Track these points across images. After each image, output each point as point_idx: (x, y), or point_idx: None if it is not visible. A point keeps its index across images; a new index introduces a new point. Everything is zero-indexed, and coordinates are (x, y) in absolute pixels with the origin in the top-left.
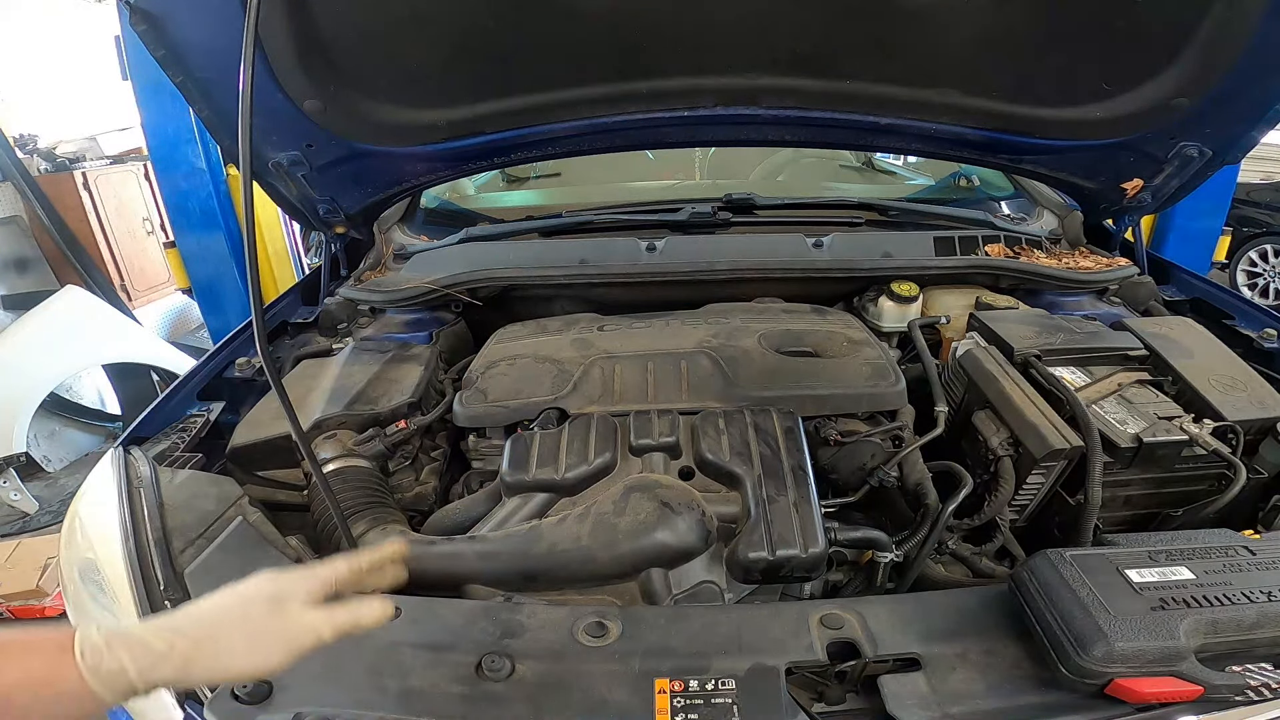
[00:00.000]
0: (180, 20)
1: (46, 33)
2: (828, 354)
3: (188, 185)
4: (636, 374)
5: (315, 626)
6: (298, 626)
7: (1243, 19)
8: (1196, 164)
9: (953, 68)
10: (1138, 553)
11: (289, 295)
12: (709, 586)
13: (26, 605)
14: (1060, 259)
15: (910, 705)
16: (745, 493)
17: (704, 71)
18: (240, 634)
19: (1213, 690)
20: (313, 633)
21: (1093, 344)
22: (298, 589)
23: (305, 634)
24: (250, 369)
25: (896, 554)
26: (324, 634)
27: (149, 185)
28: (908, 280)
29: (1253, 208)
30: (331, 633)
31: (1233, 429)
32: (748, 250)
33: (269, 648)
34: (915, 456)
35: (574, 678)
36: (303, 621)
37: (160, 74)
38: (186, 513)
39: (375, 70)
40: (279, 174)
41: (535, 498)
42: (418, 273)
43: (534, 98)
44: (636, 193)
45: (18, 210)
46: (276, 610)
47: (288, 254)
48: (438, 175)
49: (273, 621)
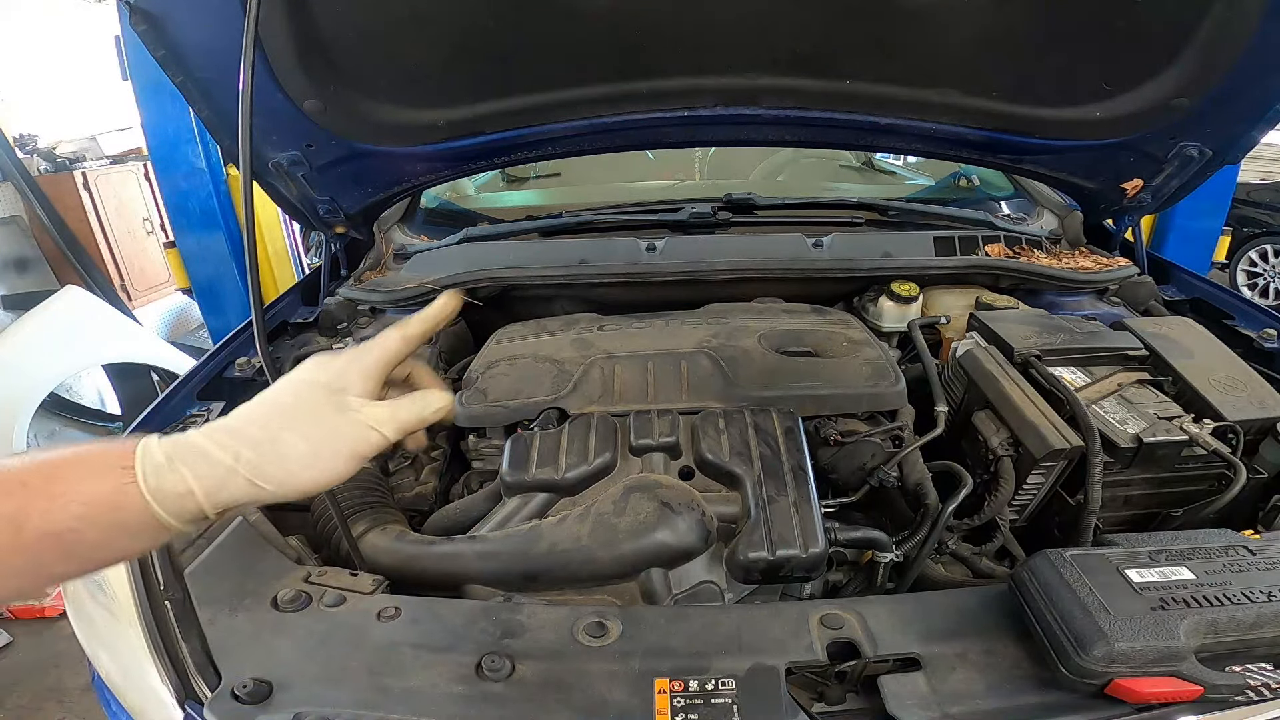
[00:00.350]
0: (180, 20)
1: (46, 33)
2: (828, 354)
3: (188, 185)
4: (636, 374)
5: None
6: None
7: (1243, 19)
8: (1196, 164)
9: (953, 68)
10: (1138, 553)
11: (289, 295)
12: (709, 586)
13: (26, 605)
14: (1060, 259)
15: (910, 705)
16: (745, 493)
17: (704, 71)
18: (304, 440)
19: (1213, 690)
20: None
21: (1093, 344)
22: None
23: (369, 435)
24: (250, 369)
25: (896, 554)
26: (388, 433)
27: (149, 185)
28: (908, 280)
29: (1253, 208)
30: (396, 431)
31: (1233, 429)
32: (748, 250)
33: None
34: (915, 456)
35: (574, 678)
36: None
37: (160, 74)
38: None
39: (375, 70)
40: (279, 174)
41: (535, 498)
42: (418, 273)
43: (534, 98)
44: (636, 193)
45: (18, 210)
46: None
47: (288, 254)
48: (438, 175)
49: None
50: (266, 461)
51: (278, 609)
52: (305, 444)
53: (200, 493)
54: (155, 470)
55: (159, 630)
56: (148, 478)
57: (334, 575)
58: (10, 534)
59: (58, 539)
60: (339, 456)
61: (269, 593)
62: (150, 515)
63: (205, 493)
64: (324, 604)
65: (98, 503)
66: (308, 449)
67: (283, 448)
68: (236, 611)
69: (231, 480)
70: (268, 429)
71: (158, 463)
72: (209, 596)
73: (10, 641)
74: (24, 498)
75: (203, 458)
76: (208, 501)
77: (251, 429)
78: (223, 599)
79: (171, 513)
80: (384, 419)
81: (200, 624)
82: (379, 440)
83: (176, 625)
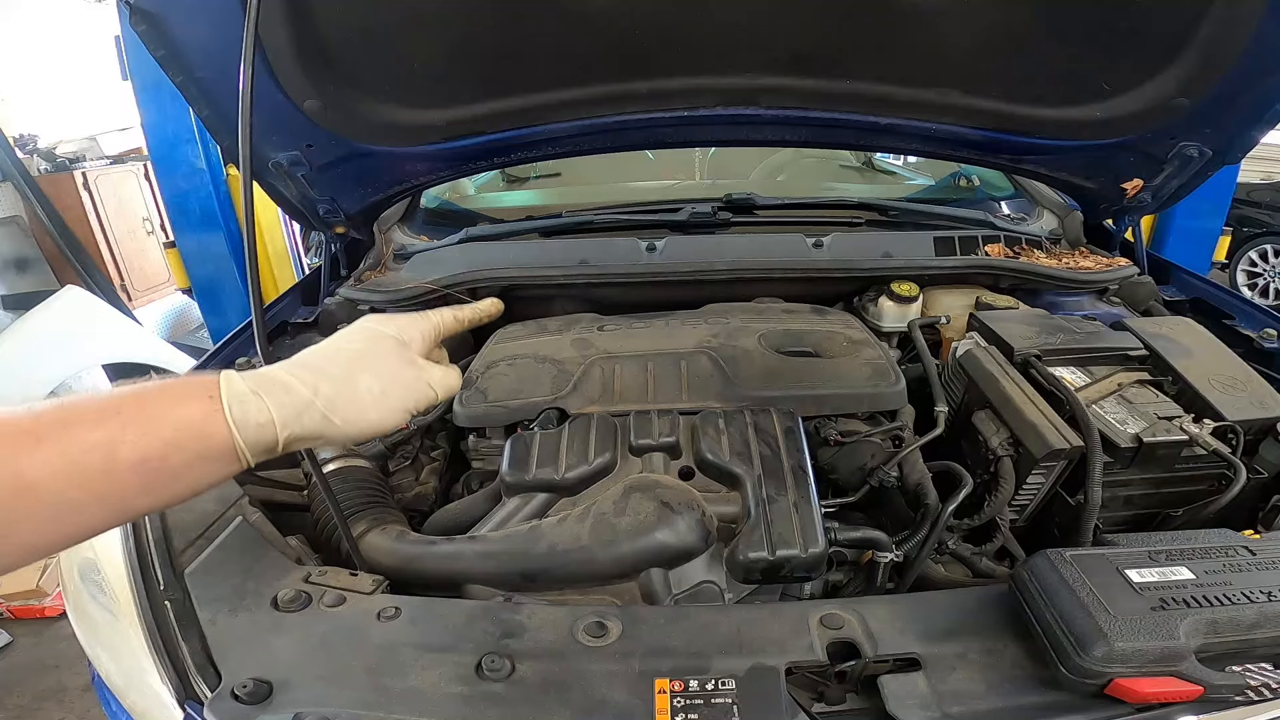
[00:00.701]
0: (180, 20)
1: (46, 33)
2: (828, 354)
3: (188, 185)
4: (636, 374)
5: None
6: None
7: (1243, 19)
8: (1196, 164)
9: (953, 67)
10: (1138, 553)
11: (289, 295)
12: (709, 586)
13: (27, 605)
14: (1060, 259)
15: (910, 705)
16: (745, 493)
17: (704, 71)
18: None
19: (1213, 690)
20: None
21: (1093, 344)
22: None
23: (425, 390)
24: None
25: (896, 554)
26: (439, 393)
27: (149, 185)
28: (908, 280)
29: (1253, 208)
30: (445, 392)
31: (1233, 429)
32: (748, 250)
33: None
34: (915, 456)
35: (574, 678)
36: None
37: (160, 74)
38: (186, 512)
39: (375, 70)
40: (279, 174)
41: (535, 498)
42: (418, 273)
43: (534, 98)
44: (636, 193)
45: (18, 210)
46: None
47: (288, 254)
48: (438, 175)
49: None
50: (342, 398)
51: (278, 609)
52: (378, 385)
53: (279, 422)
54: (240, 400)
55: (159, 630)
56: (233, 407)
57: (334, 575)
58: (104, 459)
59: (145, 465)
60: (402, 403)
61: (269, 593)
62: (230, 443)
63: (283, 423)
64: (324, 604)
65: (187, 428)
66: (379, 390)
67: (358, 387)
68: (236, 611)
69: (308, 413)
70: (346, 369)
71: (241, 392)
72: (209, 596)
73: (10, 641)
74: (118, 424)
75: (284, 389)
76: (283, 432)
77: (331, 367)
78: (223, 599)
79: (249, 442)
80: (438, 379)
81: (200, 624)
82: (432, 397)
83: (176, 625)
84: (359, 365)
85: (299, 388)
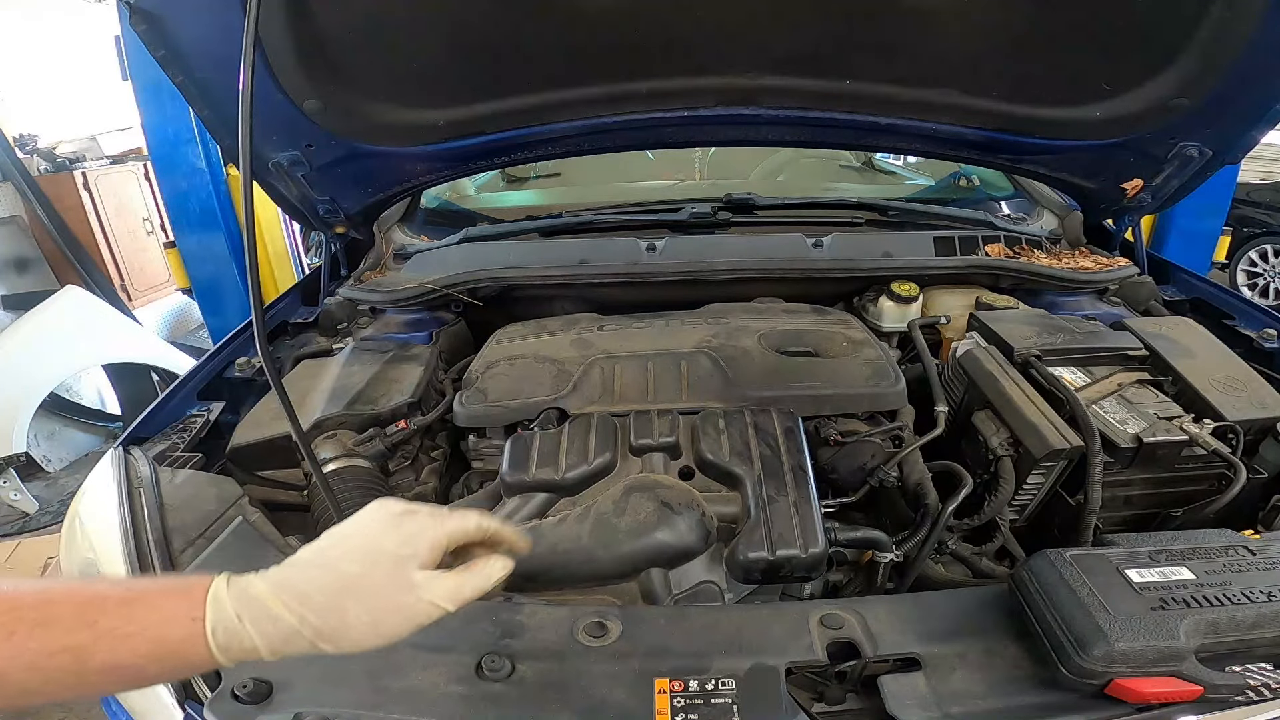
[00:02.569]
0: (180, 20)
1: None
2: (828, 354)
3: (188, 185)
4: (636, 374)
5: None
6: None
7: (1243, 19)
8: (1196, 164)
9: (953, 68)
10: (1138, 553)
11: (289, 295)
12: (709, 586)
13: None
14: (1060, 259)
15: (910, 705)
16: (745, 493)
17: (704, 71)
18: (368, 611)
19: (1213, 690)
20: (437, 609)
21: (1093, 344)
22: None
23: (430, 611)
24: (250, 369)
25: (896, 554)
26: (448, 607)
27: (149, 185)
28: (908, 280)
29: (1253, 208)
30: (456, 605)
31: (1233, 429)
32: (748, 250)
33: (392, 623)
34: (915, 456)
35: (574, 678)
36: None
37: (160, 74)
38: (186, 513)
39: (375, 70)
40: (279, 174)
41: (535, 498)
42: (418, 273)
43: (534, 98)
44: (636, 193)
45: (18, 210)
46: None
47: (288, 254)
48: (438, 175)
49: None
50: (330, 628)
51: None
52: (368, 616)
53: (265, 649)
54: (225, 628)
55: None
56: (217, 635)
57: None
58: (74, 662)
59: (116, 672)
60: (399, 628)
61: None
62: (209, 660)
63: (269, 649)
64: None
65: (164, 646)
66: (370, 620)
67: (347, 617)
68: None
69: (295, 639)
70: (335, 598)
71: (228, 619)
72: None
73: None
74: (92, 635)
75: (271, 621)
76: (269, 654)
77: (319, 597)
78: None
79: (233, 660)
80: (446, 595)
81: None
82: (439, 614)
83: None
84: (349, 594)
85: (286, 616)
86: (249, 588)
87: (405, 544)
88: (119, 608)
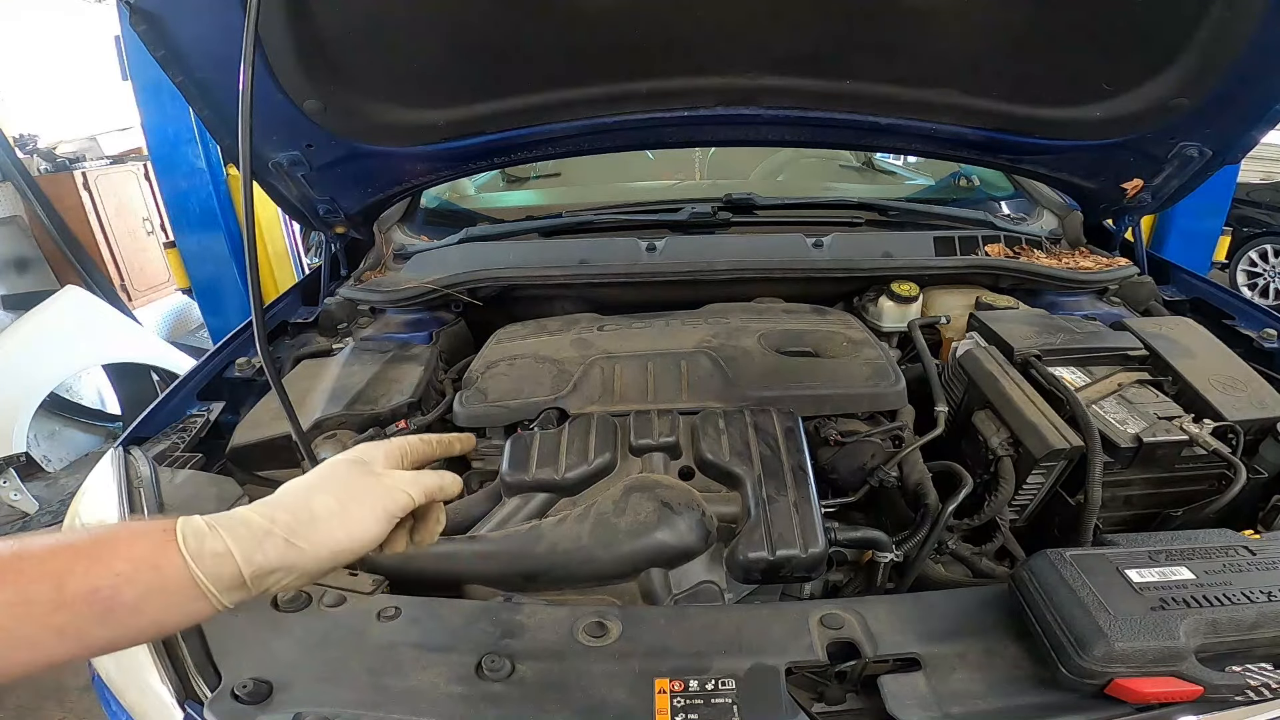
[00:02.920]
0: (180, 20)
1: (46, 33)
2: (828, 354)
3: (188, 185)
4: (636, 374)
5: (404, 486)
6: (387, 485)
7: (1243, 19)
8: (1196, 164)
9: (953, 68)
10: (1138, 553)
11: (289, 295)
12: (709, 586)
13: None
14: (1060, 259)
15: (910, 705)
16: (745, 493)
17: (704, 71)
18: (334, 498)
19: (1213, 690)
20: (403, 493)
21: (1093, 344)
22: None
23: (396, 494)
24: (250, 369)
25: (896, 554)
26: (413, 494)
27: (149, 185)
28: (908, 280)
29: (1253, 208)
30: (421, 493)
31: (1233, 429)
32: (748, 250)
33: (365, 511)
34: (915, 456)
35: (574, 678)
36: (391, 480)
37: (160, 74)
38: (186, 513)
39: (375, 70)
40: (279, 174)
41: (535, 498)
42: (418, 273)
43: (534, 98)
44: (636, 193)
45: (18, 210)
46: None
47: (288, 254)
48: (438, 175)
49: (363, 481)
50: (300, 521)
51: (278, 609)
52: (334, 501)
53: (238, 554)
54: (195, 533)
55: None
56: (187, 539)
57: (334, 575)
58: (52, 589)
59: (96, 595)
60: (368, 512)
61: None
62: (188, 576)
63: (243, 554)
64: (324, 604)
65: (139, 559)
66: (337, 505)
67: (314, 508)
68: (236, 611)
69: (268, 541)
70: (301, 496)
71: (197, 527)
72: None
73: None
74: (69, 557)
75: (240, 522)
76: (245, 563)
77: (286, 497)
78: None
79: (209, 574)
80: (408, 480)
81: (200, 624)
82: (405, 500)
83: None
84: (314, 489)
85: (255, 519)
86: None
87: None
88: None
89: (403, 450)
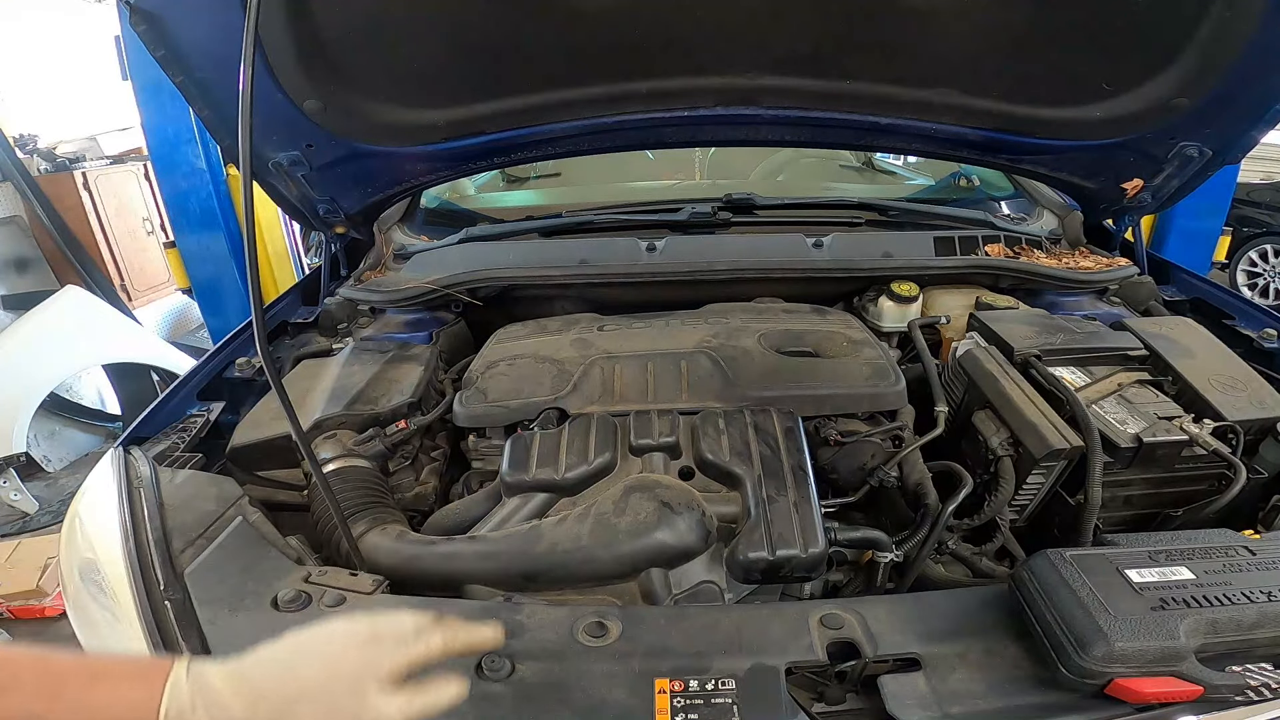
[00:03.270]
0: (180, 20)
1: (46, 33)
2: (828, 354)
3: (188, 185)
4: (636, 374)
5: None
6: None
7: (1243, 19)
8: (1196, 164)
9: (953, 68)
10: (1138, 553)
11: (289, 295)
12: (709, 586)
13: (27, 605)
14: (1060, 259)
15: (910, 705)
16: (745, 493)
17: (704, 71)
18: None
19: (1213, 690)
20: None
21: (1093, 344)
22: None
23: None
24: (250, 369)
25: (896, 554)
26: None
27: (149, 185)
28: (908, 280)
29: (1253, 208)
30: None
31: (1233, 429)
32: (748, 250)
33: None
34: (915, 456)
35: (574, 678)
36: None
37: (160, 74)
38: (186, 513)
39: (375, 70)
40: (279, 174)
41: (535, 498)
42: (418, 273)
43: (534, 98)
44: (636, 193)
45: (18, 210)
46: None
47: (288, 254)
48: (438, 175)
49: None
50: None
51: (278, 609)
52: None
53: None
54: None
55: (159, 630)
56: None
57: (334, 575)
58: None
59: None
60: None
61: (269, 593)
62: None
63: None
64: (324, 604)
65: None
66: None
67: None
68: (236, 611)
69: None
70: (286, 698)
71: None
72: (209, 596)
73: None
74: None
75: (222, 709)
76: None
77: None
78: (223, 599)
79: None
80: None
81: (200, 624)
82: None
83: (176, 625)
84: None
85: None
86: (208, 677)
87: (367, 666)
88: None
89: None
